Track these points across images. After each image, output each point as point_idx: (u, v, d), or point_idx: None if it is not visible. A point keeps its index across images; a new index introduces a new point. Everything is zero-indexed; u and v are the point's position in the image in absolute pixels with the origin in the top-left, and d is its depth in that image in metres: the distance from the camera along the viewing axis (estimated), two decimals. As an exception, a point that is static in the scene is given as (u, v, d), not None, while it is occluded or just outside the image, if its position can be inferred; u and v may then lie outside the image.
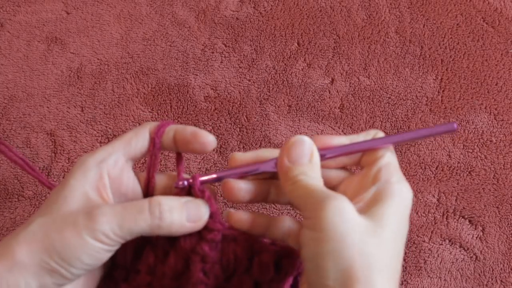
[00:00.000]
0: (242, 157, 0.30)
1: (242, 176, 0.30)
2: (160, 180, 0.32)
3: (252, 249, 0.30)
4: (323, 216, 0.25)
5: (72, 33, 0.59)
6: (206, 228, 0.28)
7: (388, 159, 0.29)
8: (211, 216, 0.29)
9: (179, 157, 0.31)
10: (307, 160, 0.28)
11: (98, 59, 0.58)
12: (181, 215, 0.28)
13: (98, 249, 0.26)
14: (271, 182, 0.31)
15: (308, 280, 0.27)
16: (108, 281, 0.31)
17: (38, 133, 0.54)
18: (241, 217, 0.30)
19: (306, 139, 0.28)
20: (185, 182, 0.29)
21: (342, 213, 0.25)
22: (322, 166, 0.29)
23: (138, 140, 0.30)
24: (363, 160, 0.30)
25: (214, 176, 0.30)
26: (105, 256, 0.27)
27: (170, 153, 0.52)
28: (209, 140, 0.30)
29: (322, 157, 0.29)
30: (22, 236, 0.26)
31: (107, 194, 0.29)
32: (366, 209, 0.26)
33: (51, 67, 0.57)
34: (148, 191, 0.31)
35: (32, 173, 0.35)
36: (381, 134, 0.30)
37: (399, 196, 0.27)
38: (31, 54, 0.58)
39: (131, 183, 0.31)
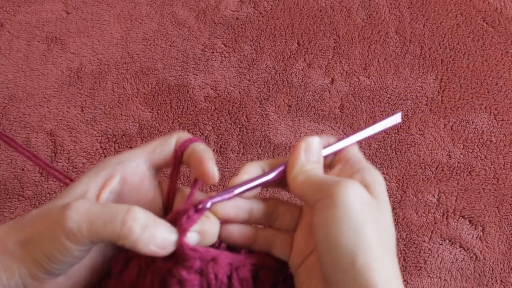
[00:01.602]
0: (240, 179, 0.30)
1: (246, 190, 0.31)
2: (183, 194, 0.31)
3: (230, 266, 0.30)
4: (341, 193, 0.26)
5: (72, 33, 0.59)
6: (181, 255, 0.28)
7: (357, 154, 0.32)
8: (184, 247, 0.28)
9: (196, 180, 0.31)
10: (320, 159, 0.31)
11: (98, 59, 0.58)
12: (151, 236, 0.27)
13: (67, 246, 0.26)
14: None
15: (323, 266, 0.26)
16: None
17: (38, 133, 0.54)
18: (228, 231, 0.31)
19: (319, 140, 0.31)
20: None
21: (356, 191, 0.27)
22: None
23: (163, 149, 0.30)
24: (335, 160, 0.32)
25: (218, 199, 0.30)
26: (78, 254, 0.27)
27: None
28: (209, 171, 0.29)
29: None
30: (15, 225, 0.27)
31: (104, 192, 0.29)
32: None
33: (51, 67, 0.57)
34: (168, 204, 0.31)
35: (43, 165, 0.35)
36: (329, 138, 0.33)
37: (380, 179, 0.29)
38: (31, 54, 0.58)
39: (152, 192, 0.30)
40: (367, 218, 0.26)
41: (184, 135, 0.31)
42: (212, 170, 0.29)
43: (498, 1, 0.61)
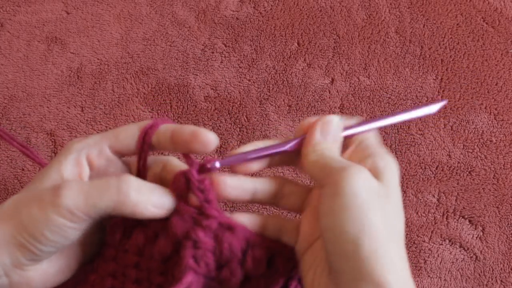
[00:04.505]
0: (250, 146, 0.31)
1: (251, 160, 0.30)
2: (155, 168, 0.32)
3: (247, 242, 0.29)
4: (345, 181, 0.25)
5: (72, 33, 0.59)
6: (203, 213, 0.28)
7: (372, 138, 0.31)
8: (209, 202, 0.28)
9: (185, 156, 0.31)
10: (337, 138, 0.30)
11: (98, 59, 0.58)
12: (148, 198, 0.27)
13: (61, 225, 0.26)
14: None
15: (328, 254, 0.26)
16: (98, 259, 0.31)
17: (38, 133, 0.54)
18: (237, 218, 0.30)
19: (338, 119, 0.30)
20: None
21: (363, 178, 0.26)
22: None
23: (127, 136, 0.30)
24: (349, 142, 0.31)
25: (217, 165, 0.29)
26: (71, 233, 0.27)
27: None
28: (210, 138, 0.29)
29: None
30: None
31: (86, 178, 0.29)
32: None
33: (51, 67, 0.57)
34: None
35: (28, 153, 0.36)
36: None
37: (391, 166, 0.28)
38: (31, 54, 0.58)
39: (119, 173, 0.30)
40: (373, 206, 0.25)
41: (146, 122, 0.30)
42: (208, 134, 0.29)
43: (498, 1, 0.61)
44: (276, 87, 0.56)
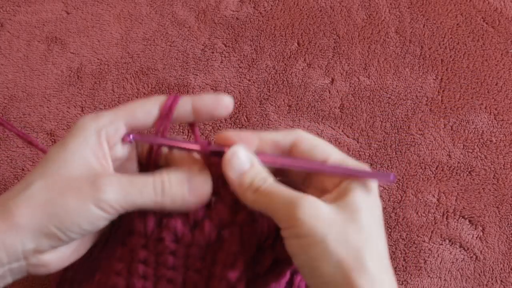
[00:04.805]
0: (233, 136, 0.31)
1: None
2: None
3: (275, 225, 0.30)
4: (299, 223, 0.26)
5: (72, 33, 0.59)
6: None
7: (339, 157, 0.30)
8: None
9: (193, 126, 0.32)
10: (250, 165, 0.29)
11: (98, 59, 0.58)
12: (183, 190, 0.28)
13: (99, 217, 0.27)
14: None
15: (308, 284, 0.27)
16: (120, 247, 0.31)
17: (38, 133, 0.54)
18: None
19: (239, 149, 0.29)
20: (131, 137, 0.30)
21: (316, 212, 0.26)
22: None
23: (145, 113, 0.30)
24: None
25: (131, 138, 0.30)
26: (103, 223, 0.28)
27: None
28: (230, 101, 0.31)
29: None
30: (21, 198, 0.26)
31: (107, 162, 0.29)
32: (335, 201, 0.27)
33: (51, 67, 0.57)
34: (149, 162, 0.31)
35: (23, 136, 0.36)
36: (301, 133, 0.31)
37: (363, 186, 0.28)
38: (31, 54, 0.58)
39: (128, 150, 0.31)
40: (332, 237, 0.26)
41: (163, 98, 0.30)
42: (227, 97, 0.30)
43: (498, 1, 0.61)
44: (276, 87, 0.56)
